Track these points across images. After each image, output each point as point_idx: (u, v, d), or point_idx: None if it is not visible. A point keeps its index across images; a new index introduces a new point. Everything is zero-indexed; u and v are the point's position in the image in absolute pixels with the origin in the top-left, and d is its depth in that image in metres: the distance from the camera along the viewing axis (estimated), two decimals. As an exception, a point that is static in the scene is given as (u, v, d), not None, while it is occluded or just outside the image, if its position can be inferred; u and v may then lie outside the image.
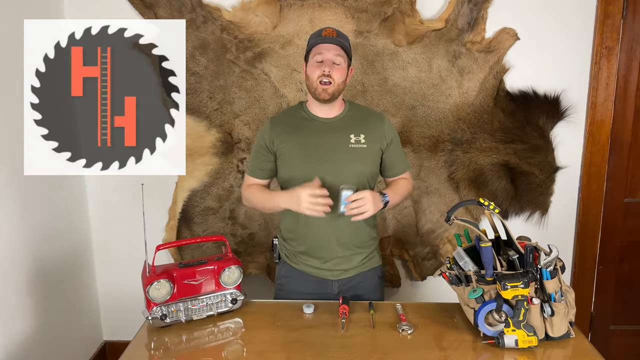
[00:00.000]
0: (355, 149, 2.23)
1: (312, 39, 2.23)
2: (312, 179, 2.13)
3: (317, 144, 2.22)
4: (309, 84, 2.22)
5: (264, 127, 2.34)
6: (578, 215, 3.20)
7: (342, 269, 2.32)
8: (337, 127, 2.27)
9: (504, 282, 1.76)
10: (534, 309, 1.80)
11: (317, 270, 2.32)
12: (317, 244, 2.28)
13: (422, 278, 3.23)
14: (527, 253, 1.81)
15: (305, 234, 2.29)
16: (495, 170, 3.05)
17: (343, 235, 2.26)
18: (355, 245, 2.31)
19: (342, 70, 2.19)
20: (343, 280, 2.33)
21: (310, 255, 2.31)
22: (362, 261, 2.35)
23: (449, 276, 1.97)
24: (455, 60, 2.95)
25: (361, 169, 2.24)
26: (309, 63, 2.22)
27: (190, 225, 3.13)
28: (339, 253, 2.28)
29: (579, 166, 3.13)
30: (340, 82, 2.18)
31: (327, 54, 2.16)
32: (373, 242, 2.41)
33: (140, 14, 2.89)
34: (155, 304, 1.97)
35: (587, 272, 3.28)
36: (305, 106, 2.33)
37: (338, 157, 2.21)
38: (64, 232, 2.98)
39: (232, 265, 2.10)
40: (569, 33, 2.98)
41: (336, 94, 2.20)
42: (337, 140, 2.24)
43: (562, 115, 3.03)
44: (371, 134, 2.28)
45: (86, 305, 3.25)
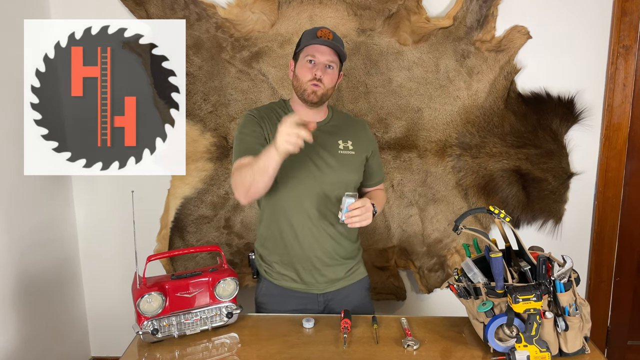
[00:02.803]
0: (344, 155, 2.26)
1: (306, 38, 2.23)
2: (296, 185, 2.17)
3: (304, 149, 2.09)
4: (297, 85, 2.22)
5: (252, 112, 2.27)
6: (594, 224, 3.20)
7: (328, 281, 2.31)
8: (325, 132, 2.28)
9: (515, 294, 1.77)
10: (547, 324, 1.81)
11: (300, 284, 2.31)
12: (300, 252, 2.26)
13: (428, 290, 3.23)
14: (540, 264, 1.81)
15: (286, 242, 2.27)
16: (506, 177, 3.06)
17: (327, 243, 2.26)
18: (339, 255, 2.31)
19: (333, 75, 2.21)
20: (329, 294, 2.33)
21: (293, 266, 2.30)
22: (348, 272, 2.35)
23: (457, 288, 1.97)
24: (464, 60, 2.96)
25: (349, 177, 2.27)
26: (300, 63, 2.23)
27: (183, 235, 3.13)
28: (324, 263, 2.28)
29: (594, 172, 3.14)
30: (330, 87, 2.21)
31: (321, 57, 2.17)
32: (357, 253, 2.43)
33: (130, 11, 2.91)
34: (146, 318, 1.97)
35: (603, 285, 3.28)
36: (289, 106, 2.33)
37: (326, 163, 2.22)
38: (49, 241, 2.98)
39: (228, 277, 2.10)
40: (584, 31, 2.99)
41: (324, 98, 2.22)
42: (325, 145, 2.24)
43: (576, 118, 3.03)
44: (358, 140, 2.31)
45: (73, 319, 3.25)
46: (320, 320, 2.15)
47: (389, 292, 3.20)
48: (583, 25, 2.98)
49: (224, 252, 2.36)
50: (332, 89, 2.23)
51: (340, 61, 2.25)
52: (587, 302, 1.90)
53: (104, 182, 3.13)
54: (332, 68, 2.20)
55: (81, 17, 2.91)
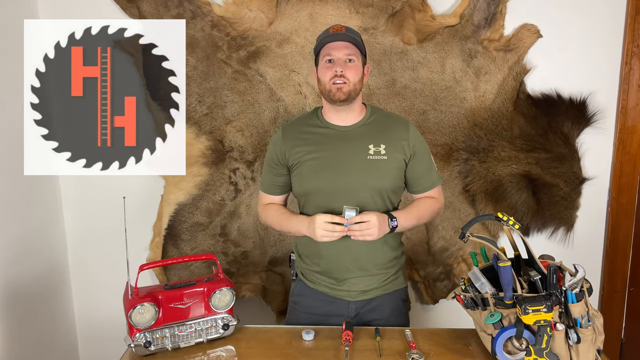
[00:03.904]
0: (373, 161, 2.21)
1: (319, 39, 2.22)
2: (325, 195, 2.17)
3: (331, 156, 2.21)
4: (322, 89, 2.20)
5: (275, 138, 2.34)
6: (607, 232, 3.21)
7: (360, 290, 2.31)
8: (355, 136, 2.26)
9: (524, 305, 1.77)
10: (558, 336, 1.81)
11: (333, 290, 2.33)
12: (332, 264, 2.28)
13: (433, 301, 3.24)
14: (551, 273, 1.81)
15: (319, 253, 2.29)
16: (515, 182, 3.06)
17: (360, 255, 2.25)
18: (374, 266, 2.30)
19: (356, 67, 2.17)
20: (360, 302, 2.32)
21: (326, 275, 2.32)
22: (383, 282, 2.34)
23: (463, 299, 1.97)
24: (471, 60, 2.97)
25: (380, 184, 2.22)
26: (320, 65, 2.21)
27: (177, 243, 3.13)
28: (356, 273, 2.28)
29: (608, 177, 3.15)
30: (356, 81, 2.17)
31: (337, 53, 2.15)
32: (396, 262, 2.38)
33: (121, 8, 2.92)
34: (139, 330, 1.97)
35: (617, 295, 3.28)
36: (320, 113, 2.32)
37: (353, 170, 2.19)
38: (36, 250, 2.98)
39: (224, 287, 2.10)
40: (597, 30, 3.00)
41: (353, 94, 2.17)
42: (353, 151, 2.22)
43: (589, 120, 3.04)
44: (393, 143, 2.25)
45: (62, 331, 3.25)
46: (321, 332, 2.15)
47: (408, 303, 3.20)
48: (595, 23, 2.99)
49: (219, 261, 2.35)
50: (359, 82, 2.18)
51: (361, 53, 2.21)
52: (600, 313, 1.90)
53: (93, 187, 3.14)
54: (353, 61, 2.16)
55: (72, 13, 2.95)
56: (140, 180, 3.11)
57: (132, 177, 3.09)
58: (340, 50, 2.15)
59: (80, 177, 3.12)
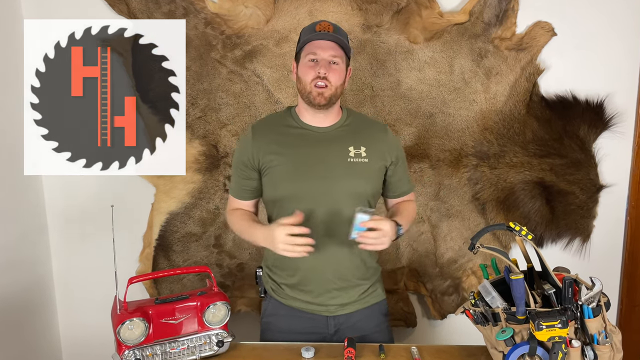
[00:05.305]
0: (354, 163, 2.22)
1: (305, 34, 2.22)
2: (302, 200, 2.15)
3: (309, 158, 2.21)
4: (301, 88, 2.21)
5: (244, 139, 2.32)
6: (625, 243, 3.21)
7: (339, 304, 2.30)
8: (334, 137, 2.27)
9: (538, 321, 1.77)
10: (574, 353, 1.81)
11: (309, 305, 2.30)
12: (310, 275, 2.26)
13: (441, 316, 3.24)
14: (566, 287, 1.81)
15: (296, 264, 2.24)
16: (528, 190, 3.07)
17: (341, 265, 2.25)
18: (355, 276, 2.29)
19: (340, 71, 2.19)
20: (340, 318, 2.31)
21: (301, 288, 2.29)
22: (362, 295, 2.33)
23: (473, 314, 1.97)
24: (481, 60, 2.97)
25: (361, 188, 2.23)
26: (301, 63, 2.22)
27: (168, 254, 3.13)
28: (335, 285, 2.26)
29: (626, 184, 3.15)
30: (338, 85, 2.19)
31: (323, 53, 2.16)
32: (375, 272, 2.40)
33: (109, 6, 2.93)
34: (128, 347, 1.97)
35: (636, 310, 3.28)
36: (295, 112, 2.32)
37: (334, 173, 2.19)
38: (18, 262, 2.99)
39: (218, 302, 2.10)
40: (615, 27, 3.00)
41: (334, 99, 2.19)
42: (333, 153, 2.22)
43: (606, 124, 3.04)
44: (374, 146, 2.27)
45: (45, 349, 3.25)
46: (321, 349, 2.15)
47: (397, 317, 3.20)
48: (613, 20, 2.99)
49: (213, 274, 2.36)
50: (340, 87, 2.20)
51: (346, 55, 2.23)
52: (619, 329, 1.90)
53: (79, 193, 3.17)
54: (338, 64, 2.18)
55: (59, 11, 3.00)
56: (129, 187, 3.12)
57: (122, 184, 3.12)
58: (325, 50, 2.16)
59: (65, 185, 3.16)
